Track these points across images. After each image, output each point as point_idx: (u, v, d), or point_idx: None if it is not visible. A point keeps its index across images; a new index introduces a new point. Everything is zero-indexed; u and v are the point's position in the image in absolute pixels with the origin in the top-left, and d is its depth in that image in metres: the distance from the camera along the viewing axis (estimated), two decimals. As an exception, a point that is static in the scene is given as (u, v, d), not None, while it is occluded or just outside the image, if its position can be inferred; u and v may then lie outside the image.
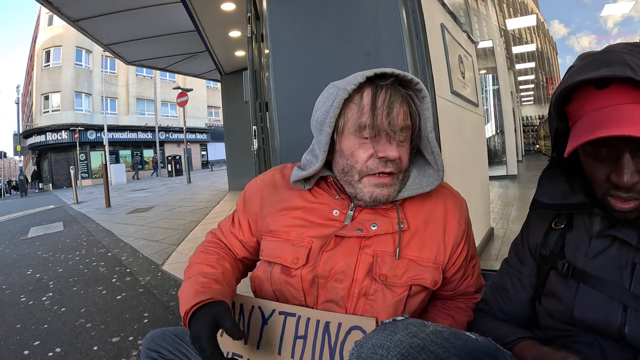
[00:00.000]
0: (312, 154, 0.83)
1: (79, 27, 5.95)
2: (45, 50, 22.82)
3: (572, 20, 28.94)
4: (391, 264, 0.77)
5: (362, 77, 0.73)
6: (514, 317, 0.80)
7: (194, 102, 27.79)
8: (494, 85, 9.80)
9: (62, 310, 2.47)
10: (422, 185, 0.80)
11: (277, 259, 0.82)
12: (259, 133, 2.29)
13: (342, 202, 0.83)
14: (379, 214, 0.80)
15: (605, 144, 0.59)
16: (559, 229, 0.75)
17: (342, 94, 0.73)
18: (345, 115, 0.76)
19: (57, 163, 22.57)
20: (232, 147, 9.19)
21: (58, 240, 5.07)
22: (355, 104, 0.75)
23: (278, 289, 0.82)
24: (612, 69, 0.56)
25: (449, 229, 0.83)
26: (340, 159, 0.79)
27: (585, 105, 0.62)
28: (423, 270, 0.78)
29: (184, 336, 0.92)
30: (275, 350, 0.76)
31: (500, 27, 9.65)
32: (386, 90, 0.73)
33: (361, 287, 0.76)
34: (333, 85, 0.79)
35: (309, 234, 0.81)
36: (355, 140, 0.76)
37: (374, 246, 0.78)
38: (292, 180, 0.84)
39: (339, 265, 0.77)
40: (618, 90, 0.58)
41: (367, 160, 0.75)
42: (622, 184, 0.58)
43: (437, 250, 0.81)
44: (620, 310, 0.60)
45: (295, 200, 0.86)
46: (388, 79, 0.74)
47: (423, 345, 0.49)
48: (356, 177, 0.77)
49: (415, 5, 1.51)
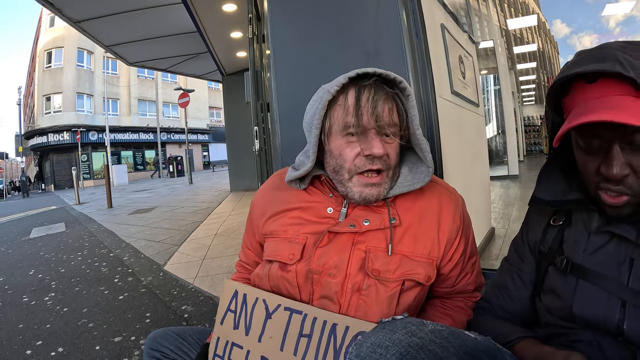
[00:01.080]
0: (304, 155, 0.86)
1: (80, 29, 5.96)
2: (46, 52, 22.89)
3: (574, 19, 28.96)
4: (384, 259, 0.78)
5: (345, 78, 0.75)
6: (515, 315, 0.81)
7: (196, 103, 27.86)
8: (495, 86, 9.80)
9: (64, 310, 2.48)
10: (413, 182, 0.82)
11: (276, 256, 0.84)
12: (261, 134, 2.30)
13: (335, 199, 0.85)
14: (372, 210, 0.82)
15: (597, 136, 0.60)
16: (557, 225, 0.75)
17: (326, 95, 0.76)
18: (331, 117, 0.78)
19: (59, 164, 22.63)
20: (234, 148, 9.20)
21: (60, 240, 5.08)
22: (340, 105, 0.77)
23: (275, 285, 0.84)
24: (603, 64, 0.57)
25: (444, 224, 0.83)
26: (330, 159, 0.81)
27: (576, 98, 0.64)
28: (416, 266, 0.79)
29: (186, 336, 0.92)
30: (278, 345, 0.75)
31: (502, 27, 9.65)
32: (369, 88, 0.75)
33: (354, 282, 0.77)
34: (322, 88, 0.82)
35: (304, 231, 0.84)
36: (342, 140, 0.78)
37: (367, 242, 0.79)
38: (287, 180, 0.87)
39: (332, 260, 0.78)
40: (607, 84, 0.59)
41: (354, 158, 0.77)
42: (611, 175, 0.59)
43: (431, 245, 0.82)
44: (619, 306, 0.61)
45: (292, 201, 0.89)
46: (371, 79, 0.76)
47: (422, 344, 0.49)
48: (346, 175, 0.79)
49: (416, 6, 1.51)
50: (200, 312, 2.30)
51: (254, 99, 2.35)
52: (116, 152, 24.28)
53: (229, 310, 0.85)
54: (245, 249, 1.02)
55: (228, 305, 0.86)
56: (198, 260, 3.40)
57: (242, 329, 0.81)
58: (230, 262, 3.22)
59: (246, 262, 1.03)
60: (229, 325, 0.82)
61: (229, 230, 4.59)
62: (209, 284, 2.76)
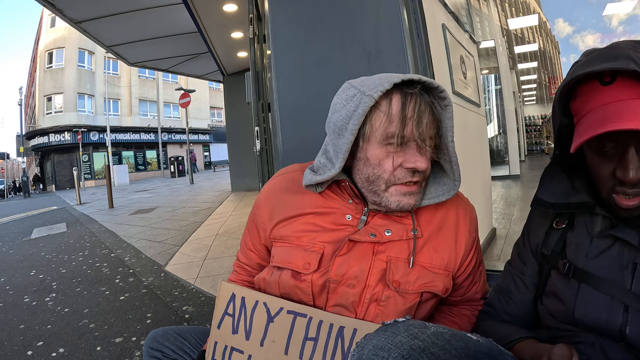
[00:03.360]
0: (326, 157, 0.80)
1: (81, 29, 5.97)
2: (48, 52, 22.94)
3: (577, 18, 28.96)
4: (404, 271, 0.76)
5: (389, 83, 0.69)
6: (518, 318, 0.80)
7: (197, 103, 27.87)
8: (496, 85, 9.80)
9: (65, 311, 2.48)
10: (438, 194, 0.79)
11: (288, 264, 0.80)
12: (262, 134, 2.30)
13: (355, 206, 0.81)
14: (393, 220, 0.79)
15: (611, 139, 0.59)
16: (560, 229, 0.75)
17: (367, 100, 0.69)
18: (371, 123, 0.72)
19: (60, 164, 22.67)
20: (235, 148, 9.21)
21: (61, 241, 5.09)
22: (383, 112, 0.71)
23: (286, 293, 0.80)
24: (616, 62, 0.56)
25: (461, 236, 0.82)
26: (365, 167, 0.75)
27: (590, 101, 0.62)
28: (435, 277, 0.78)
29: (187, 336, 0.91)
30: (282, 349, 0.74)
31: (502, 26, 9.63)
32: (415, 98, 0.70)
33: (373, 292, 0.75)
34: (353, 87, 0.74)
35: (321, 239, 0.79)
36: (382, 150, 0.72)
37: (387, 252, 0.77)
38: (305, 184, 0.81)
39: (353, 270, 0.75)
40: (623, 86, 0.58)
41: (394, 170, 0.72)
42: (628, 179, 0.58)
43: (449, 257, 0.80)
44: (622, 311, 0.60)
45: (305, 206, 0.84)
46: (415, 86, 0.71)
47: (424, 347, 0.48)
48: (383, 186, 0.74)
49: (417, 6, 1.51)
50: (202, 312, 2.30)
51: (254, 99, 2.35)
52: (117, 152, 24.32)
53: (226, 314, 0.82)
54: (246, 250, 0.97)
55: (225, 309, 0.82)
56: (199, 261, 3.40)
57: (242, 333, 0.78)
58: (231, 263, 3.20)
59: (247, 263, 0.98)
60: (227, 330, 0.80)
61: (230, 230, 4.59)
62: (210, 284, 2.76)
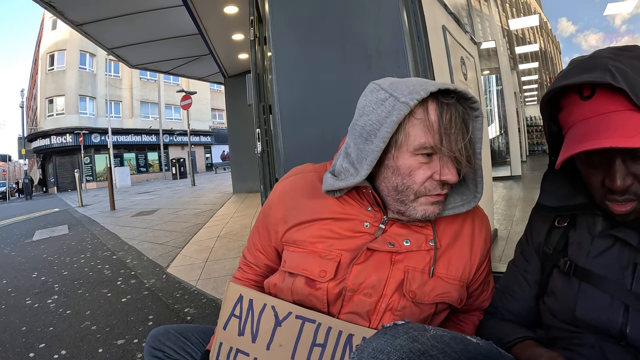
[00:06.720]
0: (348, 161, 0.77)
1: (82, 31, 5.99)
2: (49, 54, 23.03)
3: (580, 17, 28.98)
4: (420, 281, 0.75)
5: (426, 91, 0.65)
6: (520, 316, 0.81)
7: (198, 105, 27.96)
8: (497, 86, 9.78)
9: (67, 313, 2.49)
10: (457, 204, 0.78)
11: (303, 271, 0.78)
12: (263, 136, 2.30)
13: (374, 214, 0.78)
14: (412, 229, 0.77)
15: (596, 152, 0.60)
16: (562, 227, 0.75)
17: (402, 108, 0.66)
18: (406, 132, 0.69)
19: (61, 166, 22.73)
20: (236, 150, 9.22)
21: (63, 243, 5.10)
22: (420, 120, 0.68)
23: (299, 300, 0.78)
24: (592, 74, 0.57)
25: (476, 247, 0.82)
26: (394, 176, 0.72)
27: (572, 115, 0.63)
28: (450, 288, 0.77)
29: (189, 335, 0.90)
30: (289, 354, 0.73)
31: (503, 27, 9.63)
32: (450, 109, 0.68)
33: (389, 302, 0.74)
34: (383, 89, 0.71)
35: (338, 247, 0.77)
36: (414, 160, 0.70)
37: (405, 262, 0.75)
38: (325, 189, 0.78)
39: (370, 279, 0.74)
40: (603, 99, 0.58)
41: (425, 181, 0.70)
42: (616, 188, 0.59)
43: (464, 268, 0.79)
44: (622, 310, 0.61)
45: (322, 210, 0.81)
46: (451, 96, 0.68)
47: (423, 350, 0.48)
48: (412, 197, 0.72)
49: (417, 8, 1.51)
50: (203, 314, 2.30)
51: (256, 101, 2.36)
52: (119, 154, 24.40)
53: (232, 315, 0.81)
54: (254, 250, 0.94)
55: (232, 310, 0.81)
56: (201, 263, 3.40)
57: (249, 335, 0.77)
58: (233, 265, 3.22)
59: (254, 263, 0.95)
60: (233, 331, 0.79)
61: (231, 232, 4.60)
62: (211, 286, 2.76)
